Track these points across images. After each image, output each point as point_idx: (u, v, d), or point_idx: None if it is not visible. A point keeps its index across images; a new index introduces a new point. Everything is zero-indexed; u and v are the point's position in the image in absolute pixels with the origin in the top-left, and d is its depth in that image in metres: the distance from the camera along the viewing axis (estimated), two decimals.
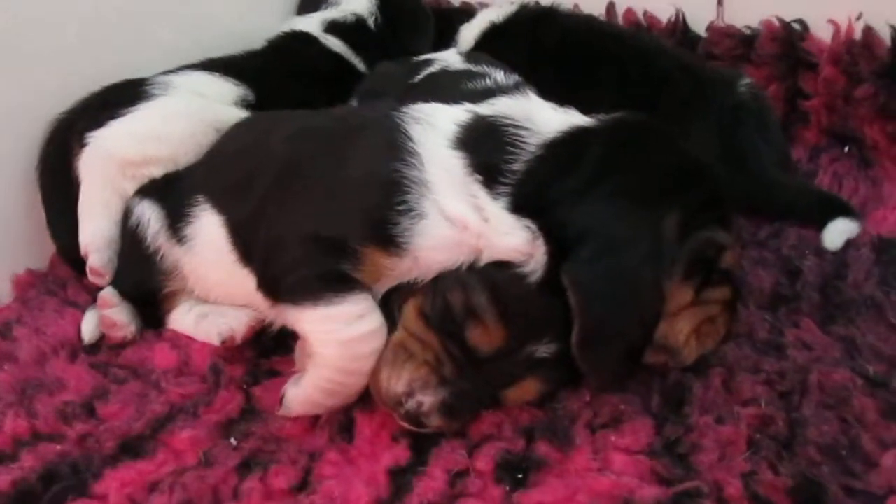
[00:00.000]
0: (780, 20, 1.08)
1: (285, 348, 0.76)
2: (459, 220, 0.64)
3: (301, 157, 0.70)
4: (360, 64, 1.13)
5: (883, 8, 1.00)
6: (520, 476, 0.61)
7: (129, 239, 0.81)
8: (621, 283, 0.62)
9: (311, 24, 1.14)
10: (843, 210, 0.90)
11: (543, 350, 0.64)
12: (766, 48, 1.09)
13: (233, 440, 0.67)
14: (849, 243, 0.87)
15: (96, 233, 0.82)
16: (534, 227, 0.63)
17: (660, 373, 0.69)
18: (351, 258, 0.63)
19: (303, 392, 0.65)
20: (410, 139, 0.67)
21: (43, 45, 0.94)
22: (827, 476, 0.59)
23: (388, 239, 0.63)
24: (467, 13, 1.25)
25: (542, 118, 0.70)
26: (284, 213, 0.68)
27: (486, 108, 0.71)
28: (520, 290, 0.63)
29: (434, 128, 0.68)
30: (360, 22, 1.16)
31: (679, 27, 1.15)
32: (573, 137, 0.68)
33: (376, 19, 1.17)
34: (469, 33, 1.18)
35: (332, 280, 0.63)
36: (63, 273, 0.93)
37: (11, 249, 0.93)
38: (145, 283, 0.80)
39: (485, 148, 0.67)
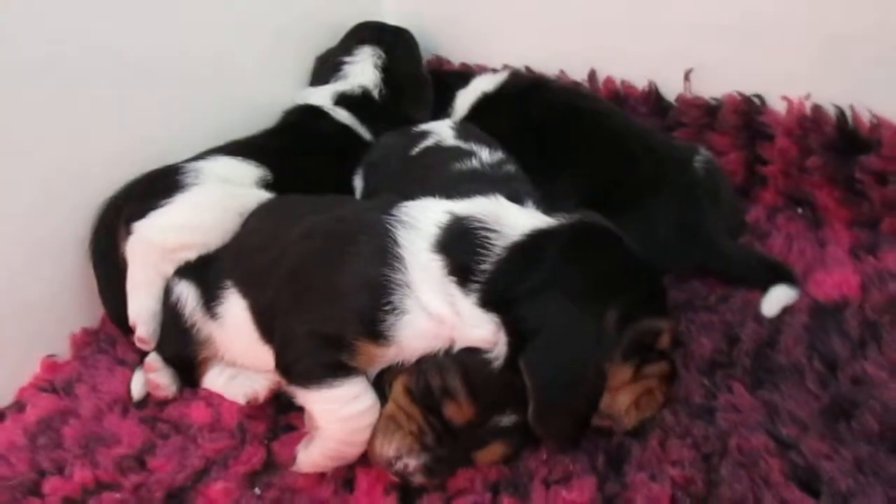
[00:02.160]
0: (741, 94, 1.19)
1: (300, 406, 0.91)
2: (437, 315, 0.78)
3: (308, 260, 0.84)
4: (366, 133, 1.26)
5: (829, 88, 1.12)
6: None
7: (170, 314, 0.97)
8: (567, 369, 0.76)
9: (322, 96, 1.28)
10: (784, 277, 1.02)
11: (506, 420, 0.79)
12: (729, 119, 1.20)
13: (257, 490, 0.83)
14: (786, 309, 1.00)
15: (142, 308, 0.98)
16: (498, 320, 0.78)
17: (606, 435, 0.83)
18: (347, 350, 0.78)
19: (311, 457, 0.81)
20: (397, 244, 0.81)
21: (89, 127, 1.10)
22: None
23: (377, 333, 0.78)
24: (465, 77, 1.38)
25: (509, 221, 0.83)
26: (295, 309, 0.83)
27: (464, 209, 0.85)
28: (486, 372, 0.77)
29: (418, 231, 0.82)
30: (366, 94, 1.29)
31: (652, 96, 1.27)
32: (533, 241, 0.81)
33: (380, 91, 1.30)
34: (463, 101, 1.31)
35: (332, 368, 0.78)
36: (112, 331, 1.09)
37: (68, 310, 1.09)
38: (184, 350, 0.96)
39: (459, 251, 0.80)
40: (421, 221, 0.84)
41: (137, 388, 0.97)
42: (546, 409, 0.76)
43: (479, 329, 0.78)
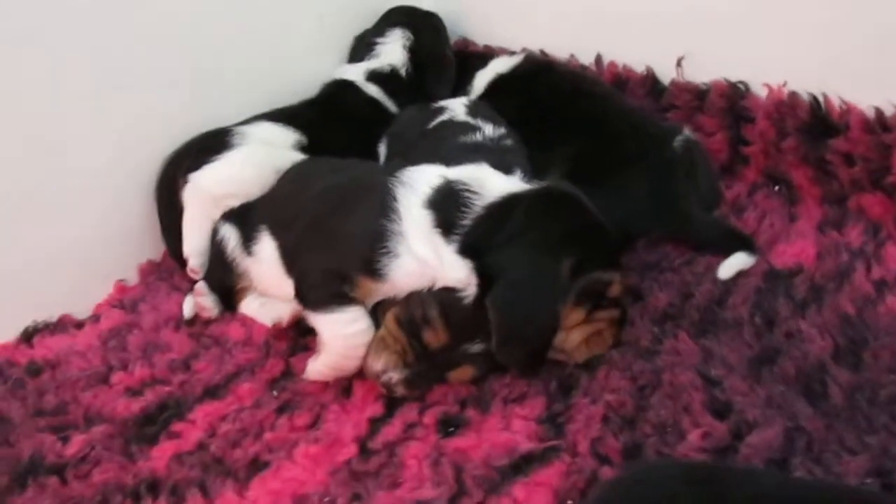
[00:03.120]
0: (727, 80, 1.31)
1: (315, 331, 1.11)
2: (423, 259, 0.96)
3: (325, 211, 1.03)
4: (392, 107, 1.44)
5: (805, 77, 1.23)
6: (451, 429, 0.93)
7: (215, 250, 1.18)
8: (524, 308, 0.93)
9: (356, 73, 1.46)
10: (745, 245, 1.15)
11: (475, 347, 0.96)
12: (716, 102, 1.32)
13: (274, 392, 1.03)
14: (742, 273, 1.14)
15: (194, 245, 1.19)
16: (471, 265, 0.94)
17: (560, 366, 1.00)
18: (350, 283, 0.96)
19: (317, 367, 1.00)
20: (395, 200, 0.98)
21: (163, 92, 1.31)
22: (649, 443, 0.88)
23: (374, 272, 0.96)
24: (485, 59, 1.53)
25: (489, 185, 1.00)
26: (312, 249, 1.02)
27: (454, 174, 1.02)
28: (460, 307, 0.94)
29: (414, 191, 1.00)
30: (394, 71, 1.46)
31: (649, 80, 1.40)
32: (506, 202, 0.97)
33: (407, 69, 1.47)
34: (481, 81, 1.47)
35: (338, 297, 0.97)
36: (171, 264, 1.31)
37: (137, 245, 1.32)
38: (225, 280, 1.17)
39: (445, 208, 0.97)
40: (417, 182, 1.01)
41: (188, 308, 1.19)
42: (505, 340, 0.93)
43: (456, 272, 0.95)
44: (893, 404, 0.89)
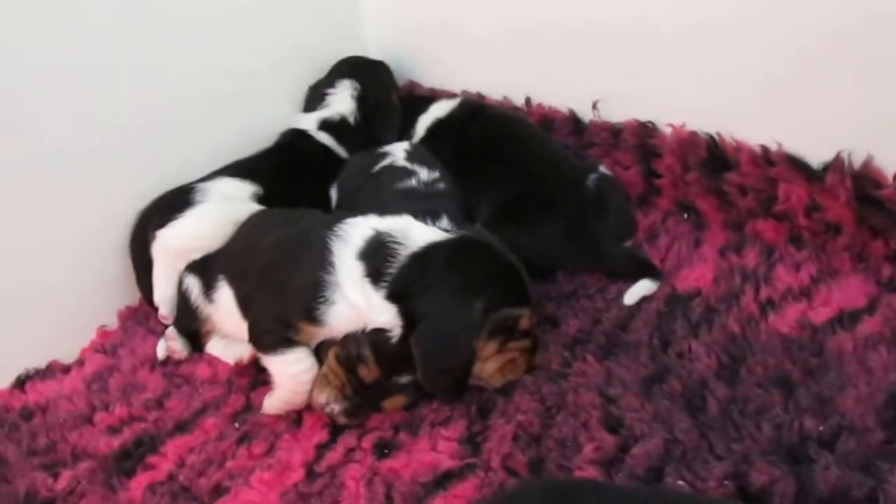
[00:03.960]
0: (638, 121, 1.46)
1: None
2: (356, 305, 1.10)
3: (272, 264, 1.18)
4: (343, 153, 1.59)
5: (703, 119, 1.37)
6: (386, 451, 1.09)
7: (182, 298, 1.33)
8: (443, 344, 1.08)
9: (309, 121, 1.61)
10: (650, 273, 1.30)
11: (404, 379, 1.11)
12: (629, 140, 1.47)
13: (236, 424, 1.18)
14: (647, 298, 1.29)
15: (162, 294, 1.34)
16: (397, 309, 1.09)
17: (480, 391, 1.15)
18: (294, 329, 1.11)
19: (272, 402, 1.16)
20: (332, 253, 1.13)
21: (128, 155, 1.45)
22: (551, 457, 1.03)
23: (314, 318, 1.10)
24: (429, 101, 1.67)
25: (413, 236, 1.14)
26: (262, 298, 1.17)
27: (383, 226, 1.17)
28: (388, 345, 1.09)
29: (348, 244, 1.14)
30: (343, 120, 1.61)
31: (572, 120, 1.55)
32: (427, 251, 1.12)
33: (356, 117, 1.62)
34: (422, 125, 1.61)
35: (284, 341, 1.12)
36: (146, 309, 1.46)
37: (116, 292, 1.47)
38: (192, 325, 1.33)
39: (374, 258, 1.12)
40: (351, 236, 1.15)
41: (161, 351, 1.35)
42: (428, 372, 1.08)
43: (384, 315, 1.09)
44: (759, 415, 1.04)
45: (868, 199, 1.22)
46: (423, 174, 1.41)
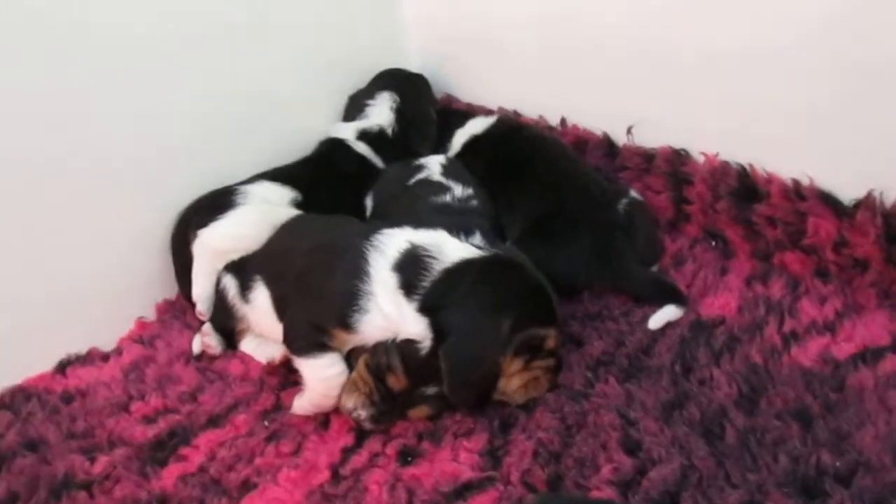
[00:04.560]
0: (671, 147, 1.48)
1: None
2: (388, 315, 1.14)
3: (309, 269, 1.22)
4: (380, 163, 1.63)
5: (735, 149, 1.40)
6: (409, 459, 1.12)
7: (219, 297, 1.38)
8: (470, 359, 1.11)
9: (348, 131, 1.65)
10: (676, 298, 1.32)
11: (430, 390, 1.15)
12: (662, 166, 1.49)
13: (266, 422, 1.23)
14: (671, 323, 1.31)
15: (200, 291, 1.39)
16: (428, 321, 1.13)
17: (503, 407, 1.18)
18: (327, 335, 1.15)
19: (301, 403, 1.20)
20: (368, 263, 1.17)
21: (175, 153, 1.51)
22: (569, 475, 1.06)
23: (347, 325, 1.14)
24: (466, 116, 1.71)
25: (447, 251, 1.18)
26: (297, 302, 1.21)
27: (419, 239, 1.20)
28: (417, 356, 1.12)
29: (384, 255, 1.18)
30: (381, 131, 1.65)
31: (605, 143, 1.58)
32: (460, 267, 1.15)
33: (393, 129, 1.66)
34: (458, 140, 1.65)
35: (317, 346, 1.16)
36: (184, 304, 1.51)
37: (155, 287, 1.53)
38: (227, 323, 1.37)
39: (409, 271, 1.15)
40: (387, 247, 1.19)
41: (196, 346, 1.39)
42: (453, 385, 1.12)
43: (415, 327, 1.13)
44: (777, 446, 1.06)
45: None
46: (458, 190, 1.44)
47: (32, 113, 1.31)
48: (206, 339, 1.38)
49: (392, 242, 1.19)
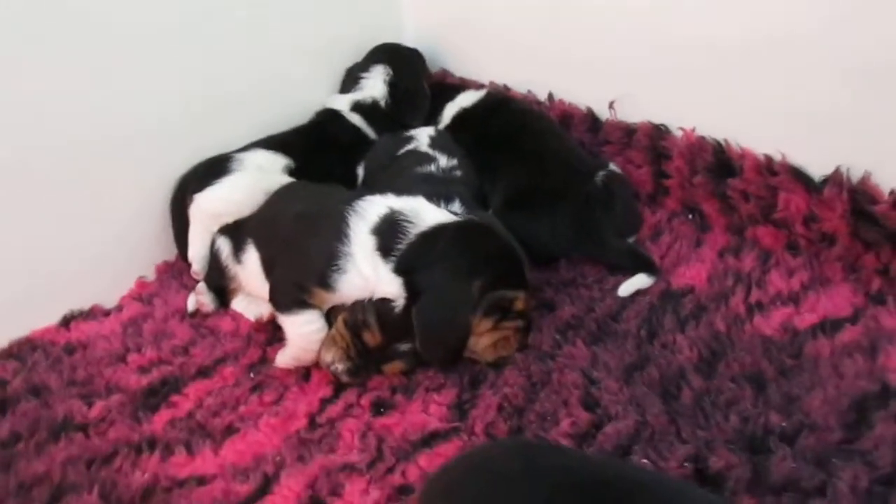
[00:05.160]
0: (651, 123, 1.52)
1: None
2: (365, 275, 1.20)
3: (294, 233, 1.29)
4: (372, 134, 1.69)
5: (712, 125, 1.44)
6: (382, 410, 1.20)
7: (213, 258, 1.45)
8: (440, 317, 1.17)
9: (342, 102, 1.71)
10: (647, 268, 1.38)
11: (404, 347, 1.21)
12: (642, 141, 1.53)
13: (251, 374, 1.30)
14: (641, 291, 1.36)
15: (196, 252, 1.47)
16: (402, 281, 1.19)
17: (473, 364, 1.25)
18: (308, 293, 1.22)
19: (284, 358, 1.27)
20: (348, 226, 1.23)
21: (177, 120, 1.58)
22: (531, 428, 1.13)
23: (327, 284, 1.21)
24: (457, 90, 1.77)
25: (424, 216, 1.24)
26: (282, 263, 1.28)
27: (398, 205, 1.26)
28: (392, 314, 1.19)
29: (364, 219, 1.24)
30: (374, 103, 1.71)
31: (589, 118, 1.62)
32: (434, 231, 1.21)
33: (386, 101, 1.72)
34: (448, 113, 1.70)
35: (298, 303, 1.23)
36: (181, 265, 1.59)
37: (155, 248, 1.61)
38: (220, 282, 1.45)
39: (386, 234, 1.22)
40: (368, 212, 1.25)
41: (191, 304, 1.47)
42: (425, 342, 1.18)
43: (390, 286, 1.19)
44: (729, 406, 1.11)
45: (863, 214, 1.27)
46: (443, 161, 1.50)
47: (44, 89, 1.38)
48: (200, 298, 1.45)
49: (372, 208, 1.26)
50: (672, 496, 0.80)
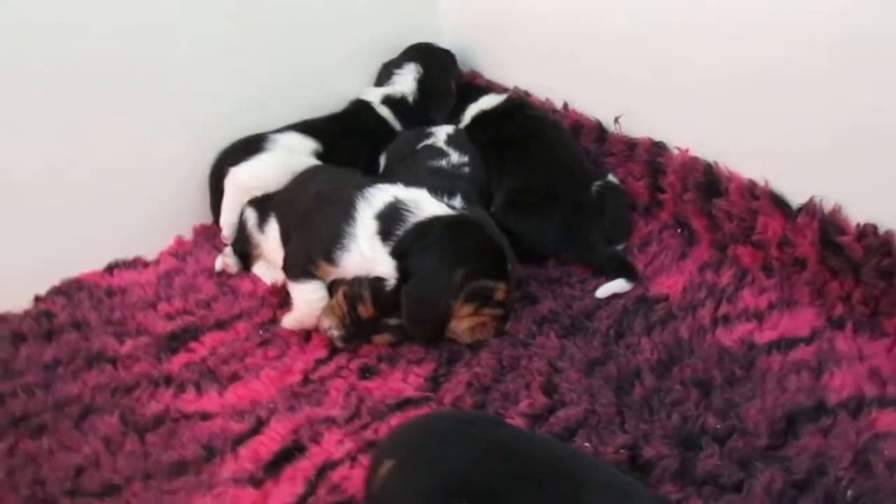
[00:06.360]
0: (651, 139, 1.63)
1: None
2: (365, 255, 1.35)
3: (311, 211, 1.45)
4: (398, 126, 1.84)
5: (705, 147, 1.53)
6: (367, 374, 1.35)
7: (240, 226, 1.63)
8: (425, 298, 1.32)
9: (374, 95, 1.86)
10: (627, 274, 1.49)
11: (392, 321, 1.36)
12: (642, 155, 1.64)
13: (261, 331, 1.48)
14: (618, 295, 1.48)
15: (226, 220, 1.65)
16: (396, 263, 1.34)
17: (452, 343, 1.39)
18: (314, 265, 1.38)
19: (289, 320, 1.43)
20: (356, 210, 1.39)
21: (226, 104, 1.78)
22: (493, 405, 1.26)
23: (331, 260, 1.36)
24: (482, 92, 1.90)
25: (423, 207, 1.38)
26: (297, 236, 1.45)
27: (402, 195, 1.41)
28: (384, 291, 1.34)
29: (370, 205, 1.39)
30: (403, 98, 1.86)
31: (597, 129, 1.73)
32: (429, 222, 1.35)
33: (415, 97, 1.86)
34: (469, 113, 1.83)
35: (306, 273, 1.39)
36: (215, 229, 1.78)
37: (194, 211, 1.80)
38: (244, 248, 1.63)
39: (388, 221, 1.36)
40: (375, 199, 1.40)
41: (218, 264, 1.66)
42: (410, 319, 1.33)
43: (386, 267, 1.33)
44: (673, 406, 1.22)
45: (831, 243, 1.36)
46: (455, 157, 1.64)
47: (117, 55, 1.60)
48: (226, 260, 1.64)
49: (380, 195, 1.41)
50: (585, 472, 0.92)
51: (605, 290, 1.47)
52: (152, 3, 1.60)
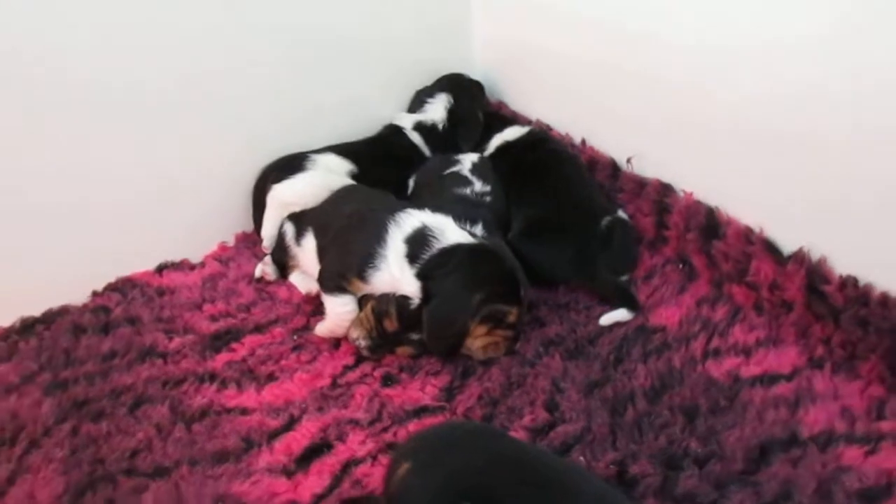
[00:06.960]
0: (660, 180, 1.76)
1: None
2: (393, 275, 1.51)
3: (344, 230, 1.60)
4: (427, 151, 1.99)
5: (708, 192, 1.67)
6: (389, 382, 1.50)
7: (279, 238, 1.79)
8: (444, 318, 1.47)
9: (407, 121, 2.01)
10: (630, 304, 1.63)
11: (414, 336, 1.51)
12: (651, 194, 1.77)
13: (295, 336, 1.64)
14: (620, 323, 1.62)
15: (268, 231, 1.81)
16: (421, 284, 1.49)
17: (467, 359, 1.54)
18: (347, 281, 1.54)
19: (321, 328, 1.59)
20: (387, 232, 1.54)
21: (263, 127, 1.93)
22: (499, 417, 1.41)
23: (363, 277, 1.52)
24: (508, 122, 2.04)
25: (447, 234, 1.52)
26: (331, 253, 1.60)
27: (429, 221, 1.56)
28: (408, 308, 1.49)
29: (401, 229, 1.55)
30: (434, 125, 2.00)
31: (611, 165, 1.87)
32: (452, 249, 1.49)
33: (444, 125, 2.01)
34: (494, 143, 1.98)
35: (338, 288, 1.54)
36: (255, 237, 1.95)
37: (238, 220, 1.96)
38: (282, 258, 1.78)
39: (416, 245, 1.51)
40: (405, 223, 1.55)
41: (258, 271, 1.82)
42: (430, 336, 1.48)
43: (411, 287, 1.49)
44: (661, 429, 1.36)
45: (816, 290, 1.49)
46: (478, 185, 1.78)
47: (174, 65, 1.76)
48: (265, 268, 1.80)
49: (409, 220, 1.55)
50: (579, 483, 1.07)
51: (608, 318, 1.61)
52: (209, 28, 1.76)
